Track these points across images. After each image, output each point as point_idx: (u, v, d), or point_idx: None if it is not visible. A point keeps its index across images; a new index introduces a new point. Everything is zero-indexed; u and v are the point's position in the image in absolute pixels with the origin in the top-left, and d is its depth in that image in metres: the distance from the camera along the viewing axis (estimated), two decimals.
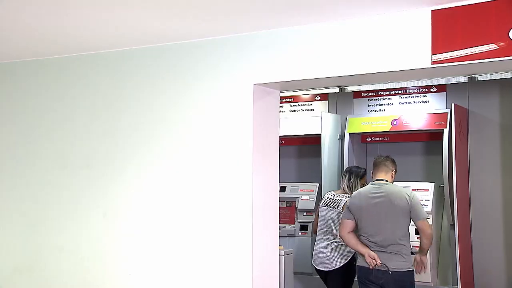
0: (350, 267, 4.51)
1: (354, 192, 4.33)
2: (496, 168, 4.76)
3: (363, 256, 4.03)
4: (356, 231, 4.13)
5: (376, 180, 4.18)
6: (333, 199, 4.60)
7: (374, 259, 3.96)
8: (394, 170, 4.21)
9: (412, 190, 4.44)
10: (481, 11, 3.42)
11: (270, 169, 4.43)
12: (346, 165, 5.31)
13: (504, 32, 3.34)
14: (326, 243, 4.55)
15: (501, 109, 4.74)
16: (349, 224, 4.14)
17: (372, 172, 4.27)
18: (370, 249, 4.01)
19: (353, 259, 4.50)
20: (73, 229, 4.22)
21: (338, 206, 4.52)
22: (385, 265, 3.94)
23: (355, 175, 4.62)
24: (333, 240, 4.52)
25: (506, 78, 4.58)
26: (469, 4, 3.45)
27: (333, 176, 5.40)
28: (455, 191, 4.59)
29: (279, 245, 4.13)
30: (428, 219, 4.12)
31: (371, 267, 3.98)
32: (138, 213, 4.02)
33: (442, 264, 4.85)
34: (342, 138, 5.47)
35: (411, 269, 4.02)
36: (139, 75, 4.14)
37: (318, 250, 4.60)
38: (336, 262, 4.49)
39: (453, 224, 4.66)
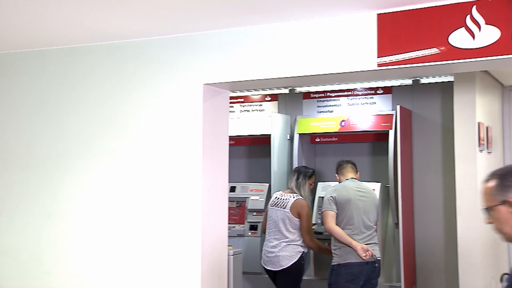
0: (299, 267, 4.57)
1: (337, 185, 4.39)
2: (438, 168, 4.93)
3: (355, 249, 4.10)
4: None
5: (349, 178, 4.36)
6: (281, 199, 4.64)
7: (368, 251, 4.09)
8: (358, 173, 4.48)
9: None
10: (424, 16, 3.53)
11: (220, 169, 4.44)
12: (295, 165, 5.37)
13: (444, 37, 3.47)
14: (275, 243, 4.57)
15: (442, 111, 4.92)
16: (334, 215, 4.24)
17: (339, 174, 4.44)
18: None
19: (302, 258, 4.57)
20: (16, 232, 4.09)
21: (286, 206, 4.56)
22: (375, 256, 4.16)
23: (304, 175, 4.67)
24: (282, 240, 4.55)
25: (447, 81, 4.75)
26: (412, 9, 3.56)
27: (283, 176, 5.45)
28: (399, 191, 4.73)
29: (229, 245, 4.14)
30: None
31: (365, 259, 4.08)
32: (84, 213, 3.94)
33: (387, 262, 4.98)
34: (291, 139, 5.52)
35: (379, 258, 4.27)
36: (87, 73, 4.06)
37: (267, 250, 4.62)
38: (285, 262, 4.52)
39: (398, 223, 4.80)
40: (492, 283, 4.49)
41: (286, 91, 5.74)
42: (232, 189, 5.79)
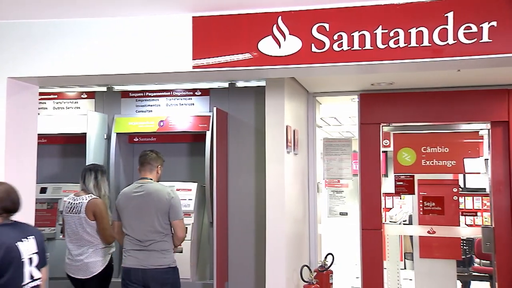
0: (109, 270, 4.46)
1: (120, 192, 4.30)
2: (251, 168, 5.18)
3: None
4: None
5: (141, 178, 4.25)
6: (74, 203, 4.43)
7: None
8: (159, 166, 4.29)
9: (177, 189, 4.59)
10: (235, 22, 3.70)
11: (26, 169, 4.15)
12: (112, 165, 5.24)
13: (254, 43, 3.67)
14: (79, 250, 4.37)
15: (255, 114, 5.18)
16: (118, 225, 4.19)
17: (139, 169, 4.31)
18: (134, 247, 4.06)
19: (111, 259, 4.48)
20: None
21: (80, 210, 4.38)
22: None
23: (102, 172, 4.56)
24: (88, 246, 4.37)
25: (260, 85, 5.02)
26: (225, 15, 3.71)
27: None
28: (214, 191, 4.87)
29: None
30: (184, 219, 4.27)
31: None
32: None
33: (201, 260, 5.09)
34: (109, 138, 5.36)
35: (172, 266, 4.12)
36: None
37: (72, 259, 4.38)
38: (95, 268, 4.36)
39: (212, 222, 4.94)
40: (294, 275, 4.85)
41: (104, 89, 5.56)
42: (43, 190, 5.45)
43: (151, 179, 4.24)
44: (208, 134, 5.07)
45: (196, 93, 5.38)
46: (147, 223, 4.08)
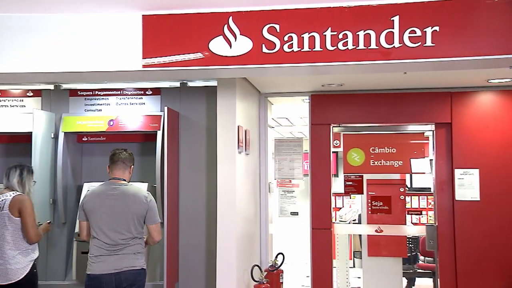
0: (32, 277, 4.24)
1: (88, 191, 4.10)
2: (202, 168, 5.16)
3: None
4: None
5: (113, 178, 4.05)
6: None
7: None
8: (132, 166, 4.15)
9: None
10: (185, 21, 3.69)
11: None
12: (60, 165, 5.11)
13: (205, 43, 3.67)
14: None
15: (207, 114, 5.17)
16: (86, 226, 3.98)
17: (109, 167, 4.10)
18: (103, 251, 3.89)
19: (34, 266, 4.28)
20: None
21: (3, 207, 4.20)
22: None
23: (27, 170, 4.43)
24: (9, 249, 4.17)
25: (212, 85, 5.01)
26: (175, 14, 3.69)
27: (46, 176, 5.13)
28: (165, 191, 4.83)
29: None
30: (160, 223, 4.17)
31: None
32: None
33: (152, 261, 5.03)
34: (56, 137, 5.23)
35: (144, 267, 4.01)
36: None
37: None
38: (15, 275, 4.15)
39: (163, 223, 4.89)
40: (244, 275, 4.87)
41: (51, 87, 5.42)
42: None
43: (124, 180, 4.08)
44: (159, 134, 5.03)
45: (147, 92, 5.32)
46: (123, 228, 3.91)
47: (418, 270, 7.17)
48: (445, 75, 4.75)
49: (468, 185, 5.23)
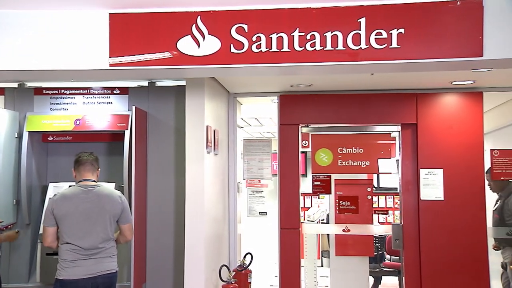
0: None
1: (56, 196, 3.99)
2: (170, 168, 5.13)
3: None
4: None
5: (84, 180, 4.00)
6: None
7: None
8: (99, 169, 4.13)
9: None
10: (154, 20, 3.66)
11: None
12: (24, 165, 5.00)
13: (173, 42, 3.65)
14: None
15: (176, 114, 5.14)
16: (54, 232, 3.87)
17: (75, 170, 4.04)
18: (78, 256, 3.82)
19: None
20: None
21: None
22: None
23: None
24: None
25: (181, 85, 4.98)
26: (143, 12, 3.66)
27: (9, 176, 5.02)
28: (133, 191, 4.78)
29: None
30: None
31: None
32: None
33: (119, 262, 4.95)
34: (20, 137, 5.12)
35: (117, 269, 4.02)
36: None
37: None
38: None
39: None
40: (213, 275, 4.87)
41: (15, 85, 5.30)
42: None
43: (95, 181, 4.03)
44: (127, 133, 4.97)
45: (114, 91, 5.26)
46: (100, 230, 3.87)
47: (385, 269, 7.28)
48: (411, 76, 4.84)
49: (432, 185, 5.34)
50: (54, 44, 3.79)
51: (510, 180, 5.51)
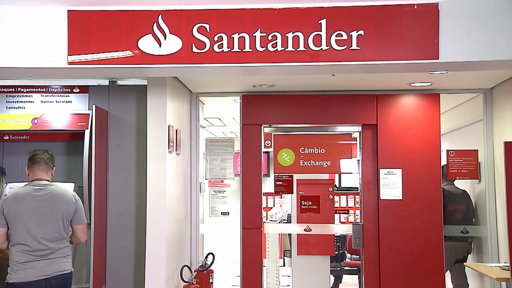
0: None
1: (7, 195, 3.89)
2: (132, 168, 5.08)
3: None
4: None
5: (37, 179, 3.89)
6: None
7: None
8: (54, 168, 4.02)
9: None
10: (114, 18, 3.62)
11: None
12: None
13: (134, 41, 3.62)
14: None
15: (137, 113, 5.09)
16: (4, 233, 3.74)
17: (28, 168, 3.93)
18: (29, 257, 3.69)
19: None
20: None
21: None
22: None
23: (2, 173, 4.24)
24: None
25: (143, 84, 4.94)
26: (103, 10, 3.61)
27: None
28: (93, 192, 4.71)
29: None
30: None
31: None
32: None
33: (77, 264, 4.89)
34: None
35: (72, 270, 3.91)
36: None
37: None
38: None
39: (90, 224, 4.76)
40: (174, 276, 4.84)
41: None
42: None
43: (48, 180, 3.92)
44: (87, 133, 4.89)
45: (74, 90, 5.17)
46: (53, 230, 3.76)
47: (345, 268, 7.38)
48: (371, 78, 4.92)
49: (391, 185, 5.44)
50: (10, 40, 3.70)
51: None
